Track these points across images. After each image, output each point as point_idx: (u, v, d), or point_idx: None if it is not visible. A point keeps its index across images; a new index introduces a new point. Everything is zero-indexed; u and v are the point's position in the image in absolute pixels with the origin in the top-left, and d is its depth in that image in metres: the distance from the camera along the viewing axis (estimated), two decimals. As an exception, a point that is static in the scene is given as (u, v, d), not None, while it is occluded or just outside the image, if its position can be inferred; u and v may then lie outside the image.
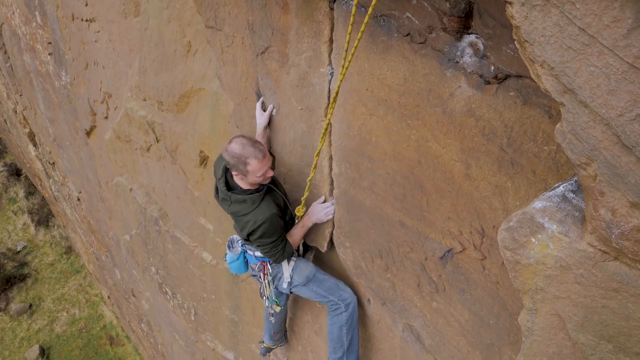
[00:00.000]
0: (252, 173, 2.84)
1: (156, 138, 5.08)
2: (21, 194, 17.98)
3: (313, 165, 2.88)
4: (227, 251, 3.49)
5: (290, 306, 4.32)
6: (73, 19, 6.16)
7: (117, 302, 12.89)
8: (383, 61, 2.43)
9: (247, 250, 3.40)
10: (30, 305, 15.65)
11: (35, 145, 12.42)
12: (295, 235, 3.21)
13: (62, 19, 6.44)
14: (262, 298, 3.55)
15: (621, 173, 1.10)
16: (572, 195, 1.33)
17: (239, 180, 2.97)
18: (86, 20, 5.85)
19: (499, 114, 2.06)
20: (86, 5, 5.65)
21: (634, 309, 1.21)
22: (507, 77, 2.01)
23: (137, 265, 7.61)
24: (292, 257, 3.37)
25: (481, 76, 2.09)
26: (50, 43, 7.40)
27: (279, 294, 3.56)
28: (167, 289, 6.82)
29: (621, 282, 1.21)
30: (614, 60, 1.03)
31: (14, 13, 8.48)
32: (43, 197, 16.90)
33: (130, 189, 6.36)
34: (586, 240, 1.24)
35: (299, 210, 3.20)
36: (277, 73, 3.09)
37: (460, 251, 2.50)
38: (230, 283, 5.10)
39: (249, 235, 3.04)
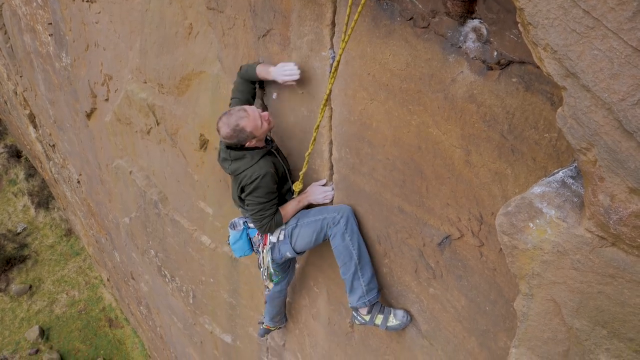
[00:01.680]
0: (254, 129, 2.87)
1: (156, 121, 5.06)
2: (21, 175, 18.00)
3: (312, 139, 2.87)
4: (230, 232, 3.44)
5: (289, 290, 4.34)
6: (74, 0, 6.10)
7: (117, 285, 12.97)
8: (385, 45, 2.41)
9: (249, 223, 3.36)
10: (30, 287, 15.76)
11: (35, 127, 12.40)
12: (289, 209, 3.17)
13: (63, 0, 6.38)
14: (260, 272, 3.50)
15: (621, 158, 1.10)
16: (571, 181, 1.32)
17: (252, 145, 2.99)
18: (87, 1, 5.79)
19: (500, 100, 2.05)
20: (87, -15, 5.59)
21: (629, 295, 1.21)
22: (509, 63, 1.99)
23: (137, 248, 7.64)
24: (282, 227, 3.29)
25: (484, 62, 2.07)
26: (50, 24, 7.34)
27: (277, 268, 3.46)
28: (166, 272, 6.86)
29: (618, 268, 1.21)
30: (618, 43, 1.02)
31: (14, -8, 8.40)
32: (43, 179, 16.91)
33: (130, 172, 6.36)
34: (584, 225, 1.24)
35: (296, 186, 3.19)
36: (278, 56, 3.07)
37: (458, 238, 2.51)
38: (228, 267, 5.12)
39: (242, 190, 3.04)
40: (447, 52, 2.17)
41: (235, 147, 3.00)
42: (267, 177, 2.96)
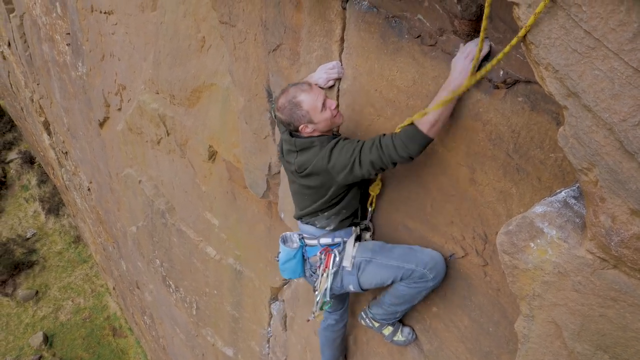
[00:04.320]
0: (313, 110, 2.39)
1: (167, 131, 5.11)
2: (34, 181, 18.22)
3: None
4: (281, 247, 2.90)
5: (291, 304, 4.32)
6: (92, 11, 6.23)
7: (122, 294, 12.99)
8: (393, 62, 2.42)
9: (307, 240, 2.82)
10: (37, 292, 15.85)
11: (49, 134, 12.58)
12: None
13: (82, 11, 6.52)
14: (315, 297, 2.86)
15: (622, 179, 1.09)
16: (573, 201, 1.31)
17: (309, 132, 2.48)
18: (105, 13, 5.91)
19: (506, 119, 2.04)
20: (105, -3, 5.72)
21: (631, 320, 1.19)
22: (516, 82, 1.99)
23: (142, 257, 7.66)
24: (351, 229, 2.79)
25: (490, 80, 2.07)
26: (68, 34, 7.49)
27: (334, 298, 2.95)
28: (171, 282, 6.86)
29: (620, 291, 1.19)
30: (619, 64, 1.02)
31: (35, 3, 8.60)
32: (55, 185, 17.10)
33: (139, 181, 6.41)
34: (585, 247, 1.22)
35: (373, 189, 2.74)
36: (287, 71, 3.10)
37: (463, 256, 2.48)
38: (232, 279, 5.11)
39: (329, 169, 2.39)
40: (454, 70, 2.17)
41: (298, 135, 2.51)
42: (348, 139, 2.43)
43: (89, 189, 10.82)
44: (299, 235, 2.87)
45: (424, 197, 2.55)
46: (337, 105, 2.54)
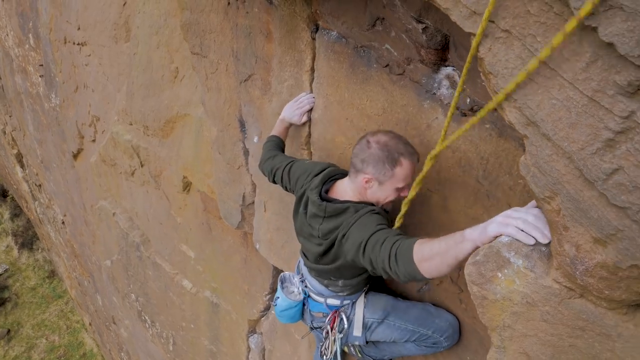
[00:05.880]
0: (395, 179, 2.07)
1: (140, 162, 5.04)
2: (6, 215, 17.75)
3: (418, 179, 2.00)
4: (280, 293, 2.61)
5: (269, 336, 4.21)
6: (65, 42, 6.19)
7: (99, 330, 12.57)
8: (363, 91, 2.43)
9: (312, 293, 2.54)
10: (9, 331, 15.22)
11: (22, 166, 12.32)
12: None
13: (55, 42, 6.48)
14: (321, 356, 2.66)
15: (584, 208, 1.08)
16: (539, 229, 1.30)
17: (359, 189, 2.13)
18: (78, 44, 5.88)
19: (474, 146, 2.06)
20: (78, 29, 5.69)
21: (600, 349, 1.17)
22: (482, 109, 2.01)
23: (117, 291, 7.45)
24: (363, 290, 2.54)
25: (458, 108, 2.09)
26: (41, 65, 7.42)
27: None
28: (147, 317, 6.66)
29: (587, 320, 1.17)
30: (574, 93, 1.03)
31: (7, 35, 8.53)
32: (29, 219, 16.66)
33: (114, 214, 6.28)
34: (552, 276, 1.21)
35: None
36: (259, 101, 3.09)
37: (438, 284, 2.46)
38: (209, 312, 4.98)
39: (342, 242, 2.06)
40: (422, 98, 2.19)
41: (331, 198, 2.18)
42: (375, 211, 2.06)
43: (63, 222, 10.56)
44: (301, 279, 2.59)
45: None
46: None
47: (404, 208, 2.10)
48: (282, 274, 2.69)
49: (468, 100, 2.05)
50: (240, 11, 2.91)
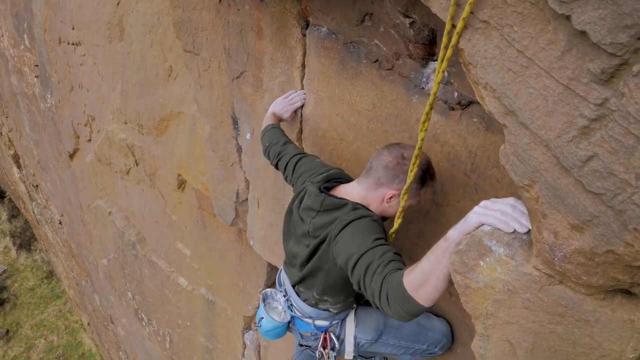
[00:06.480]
0: (415, 199, 2.04)
1: (135, 161, 5.05)
2: (4, 216, 17.73)
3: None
4: (264, 314, 2.44)
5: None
6: (60, 43, 6.20)
7: (97, 329, 12.57)
8: (353, 87, 2.45)
9: (298, 314, 2.39)
10: (7, 332, 15.22)
11: (19, 167, 12.31)
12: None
13: (50, 42, 6.48)
14: None
15: (561, 195, 1.10)
16: (520, 218, 1.32)
17: (374, 199, 2.04)
18: (72, 44, 5.89)
19: (462, 139, 2.07)
20: (73, 29, 5.70)
21: (579, 335, 1.18)
22: (470, 103, 2.03)
23: (114, 290, 7.46)
24: (351, 313, 2.42)
25: (446, 102, 2.11)
26: (37, 66, 7.43)
27: None
28: (143, 315, 6.67)
29: (566, 306, 1.19)
30: (550, 82, 1.04)
31: (2, 36, 8.53)
32: (26, 220, 16.65)
33: (109, 212, 6.29)
34: (532, 263, 1.22)
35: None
36: (251, 97, 3.11)
37: (428, 278, 2.47)
38: (205, 310, 4.99)
39: (329, 239, 1.95)
40: (411, 93, 2.20)
41: (330, 194, 2.09)
42: (376, 221, 1.93)
43: (60, 223, 10.56)
44: (284, 297, 2.43)
45: (389, 220, 2.54)
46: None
47: (396, 223, 2.03)
48: (264, 291, 2.53)
49: (456, 94, 2.06)
50: (232, 8, 2.92)
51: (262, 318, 2.45)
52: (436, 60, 2.11)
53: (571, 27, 0.97)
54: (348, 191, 2.11)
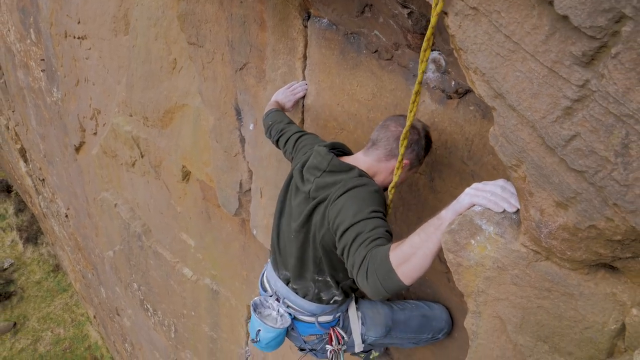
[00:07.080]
0: (418, 168, 2.12)
1: (141, 153, 5.12)
2: (11, 210, 17.88)
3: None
4: (260, 324, 2.28)
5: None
6: (66, 37, 6.27)
7: (103, 322, 12.71)
8: (353, 77, 2.50)
9: (301, 317, 2.30)
10: (15, 324, 15.39)
11: (26, 161, 12.43)
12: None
13: (55, 36, 6.55)
14: None
15: (546, 173, 1.15)
16: (510, 199, 1.37)
17: (382, 169, 2.05)
18: (78, 38, 5.95)
19: (460, 127, 2.12)
20: (78, 23, 5.76)
21: (565, 308, 1.24)
22: (467, 92, 2.08)
23: (120, 281, 7.56)
24: (352, 303, 2.40)
25: (443, 91, 2.16)
26: (43, 60, 7.50)
27: None
28: (149, 306, 6.77)
29: (552, 281, 1.24)
30: (536, 65, 1.09)
31: (9, 30, 8.61)
32: (33, 214, 16.80)
33: (115, 205, 6.37)
34: (520, 240, 1.28)
35: None
36: (254, 88, 3.16)
37: (427, 264, 2.53)
38: (209, 299, 5.07)
39: (327, 202, 1.91)
40: (410, 82, 2.25)
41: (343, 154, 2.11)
42: (378, 192, 1.91)
43: (66, 216, 10.67)
44: (277, 300, 2.31)
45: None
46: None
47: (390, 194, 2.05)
48: (252, 301, 2.37)
49: (453, 83, 2.11)
50: (235, 1, 2.97)
51: (259, 330, 2.28)
52: (434, 49, 2.16)
53: (554, 12, 1.02)
54: (354, 160, 2.08)
